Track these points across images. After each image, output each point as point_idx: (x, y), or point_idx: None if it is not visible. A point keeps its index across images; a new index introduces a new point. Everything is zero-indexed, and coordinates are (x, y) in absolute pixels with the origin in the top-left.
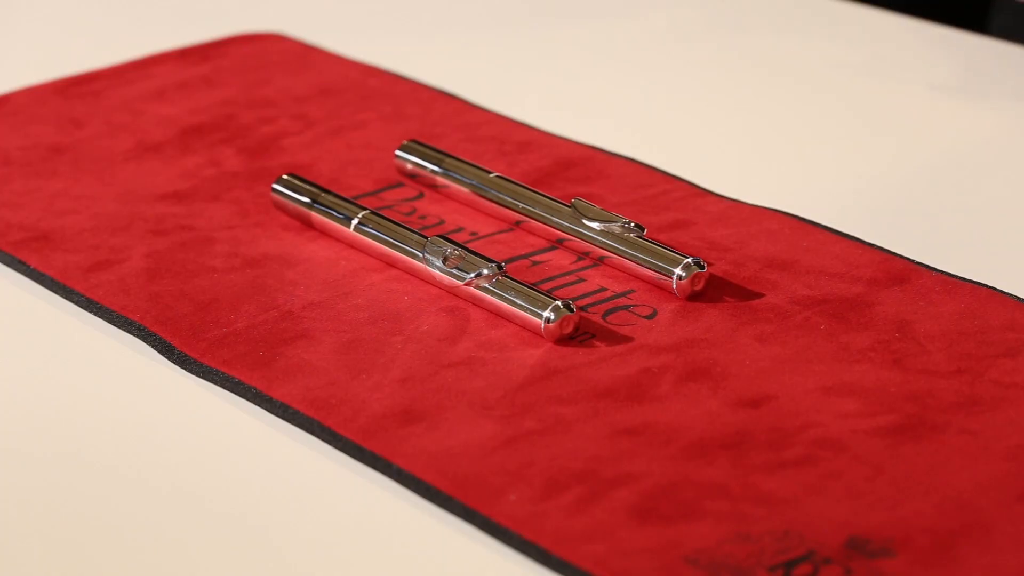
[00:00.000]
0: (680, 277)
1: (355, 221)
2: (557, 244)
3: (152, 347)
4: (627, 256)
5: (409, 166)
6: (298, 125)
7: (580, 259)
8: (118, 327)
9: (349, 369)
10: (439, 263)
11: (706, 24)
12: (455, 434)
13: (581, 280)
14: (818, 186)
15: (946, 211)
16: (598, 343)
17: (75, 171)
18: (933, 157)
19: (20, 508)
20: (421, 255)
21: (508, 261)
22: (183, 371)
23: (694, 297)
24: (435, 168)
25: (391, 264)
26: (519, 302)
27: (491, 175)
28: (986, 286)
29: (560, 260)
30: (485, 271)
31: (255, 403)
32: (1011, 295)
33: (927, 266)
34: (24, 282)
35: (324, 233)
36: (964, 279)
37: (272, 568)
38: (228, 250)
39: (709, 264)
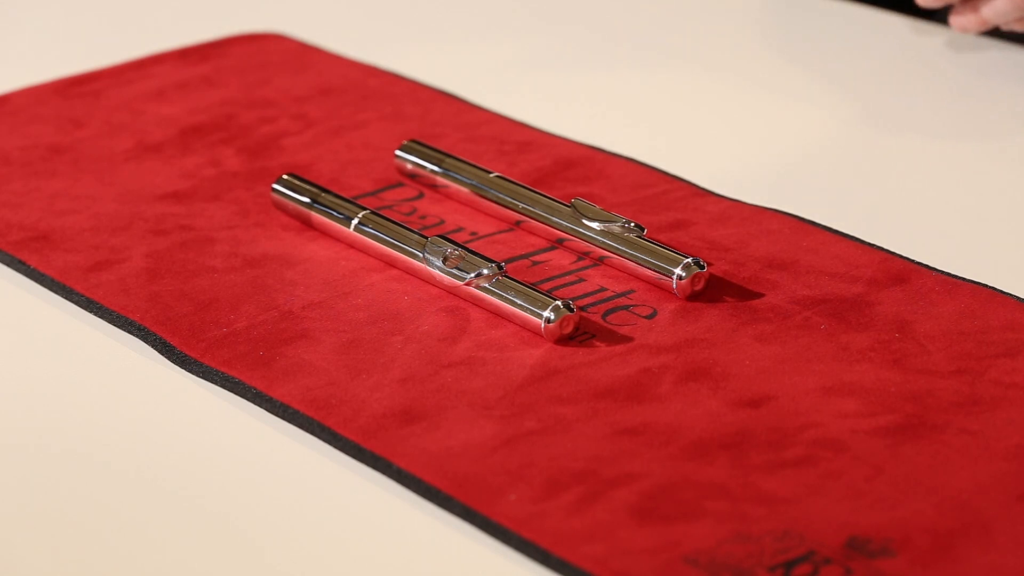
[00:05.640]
0: (680, 277)
1: (355, 221)
2: (557, 244)
3: (152, 347)
4: (627, 256)
5: (409, 166)
6: (298, 125)
7: (580, 259)
8: (118, 327)
9: (349, 369)
10: (439, 263)
11: (706, 24)
12: (455, 434)
13: (581, 280)
14: (818, 186)
15: (946, 211)
16: (598, 343)
17: (75, 171)
18: (934, 157)
19: (20, 507)
20: (421, 255)
21: (508, 261)
22: (183, 371)
23: (694, 297)
24: (435, 168)
25: (391, 264)
26: (519, 302)
27: (491, 175)
28: (986, 286)
29: (560, 260)
30: (485, 271)
31: (255, 403)
32: (1011, 295)
33: (927, 266)
34: (24, 282)
35: (324, 233)
36: (964, 279)
37: (272, 567)
38: (228, 250)
39: (709, 264)
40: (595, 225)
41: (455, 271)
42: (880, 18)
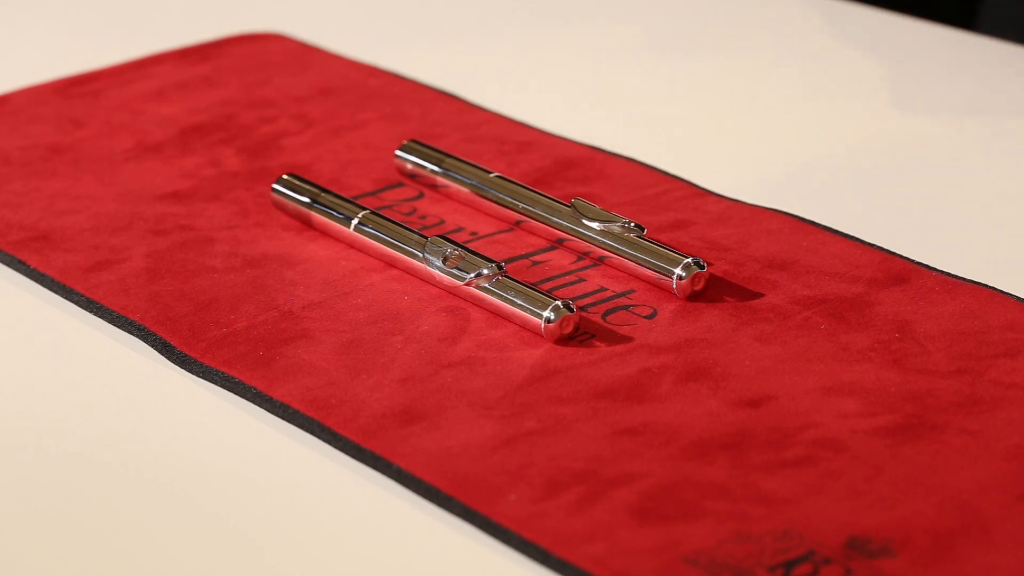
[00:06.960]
0: (680, 277)
1: (355, 221)
2: (557, 244)
3: (152, 347)
4: (627, 256)
5: (409, 166)
6: (298, 125)
7: (580, 259)
8: (118, 327)
9: (349, 369)
10: (439, 263)
11: (706, 24)
12: (455, 434)
13: (581, 280)
14: (818, 186)
15: (946, 211)
16: (598, 343)
17: (75, 171)
18: (933, 157)
19: (20, 507)
20: (421, 255)
21: (508, 261)
22: (183, 371)
23: (694, 297)
24: (435, 168)
25: (391, 264)
26: (519, 302)
27: (491, 175)
28: (986, 286)
29: (560, 260)
30: (485, 271)
31: (255, 403)
32: (1011, 295)
33: (927, 266)
34: (24, 282)
35: (324, 233)
36: (964, 279)
37: (272, 567)
38: (228, 250)
39: (709, 264)
40: (595, 225)
41: (455, 271)
42: (880, 18)
